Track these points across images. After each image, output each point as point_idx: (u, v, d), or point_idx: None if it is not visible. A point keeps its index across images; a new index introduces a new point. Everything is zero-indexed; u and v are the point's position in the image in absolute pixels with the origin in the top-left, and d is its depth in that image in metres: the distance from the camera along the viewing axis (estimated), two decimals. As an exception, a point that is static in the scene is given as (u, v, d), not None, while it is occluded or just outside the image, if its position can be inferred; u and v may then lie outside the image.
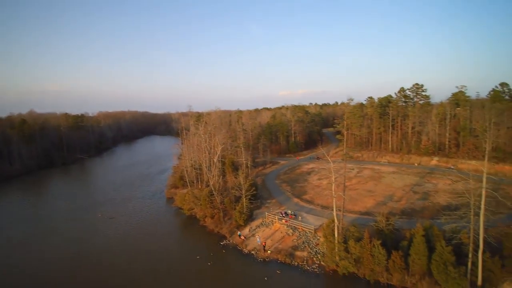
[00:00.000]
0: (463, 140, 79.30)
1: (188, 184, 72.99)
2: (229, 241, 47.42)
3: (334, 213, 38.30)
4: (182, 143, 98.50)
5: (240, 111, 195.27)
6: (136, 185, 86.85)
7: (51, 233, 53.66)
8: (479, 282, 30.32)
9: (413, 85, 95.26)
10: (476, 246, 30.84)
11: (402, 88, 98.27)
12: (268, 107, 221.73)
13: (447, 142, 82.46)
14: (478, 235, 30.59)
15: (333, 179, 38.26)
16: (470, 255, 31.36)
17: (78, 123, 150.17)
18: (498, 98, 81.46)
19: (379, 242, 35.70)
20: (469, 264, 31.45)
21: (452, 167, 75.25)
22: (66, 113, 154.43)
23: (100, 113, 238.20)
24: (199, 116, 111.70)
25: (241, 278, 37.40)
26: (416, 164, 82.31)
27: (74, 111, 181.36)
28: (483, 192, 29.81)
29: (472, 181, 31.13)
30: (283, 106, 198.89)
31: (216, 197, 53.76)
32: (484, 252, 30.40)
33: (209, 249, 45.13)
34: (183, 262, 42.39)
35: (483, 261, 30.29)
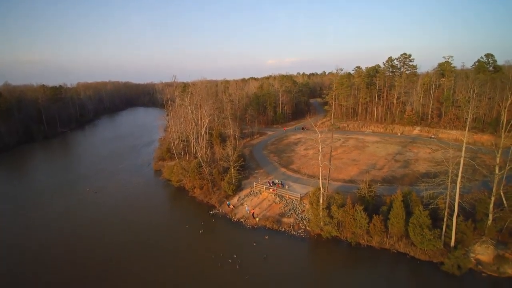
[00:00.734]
0: (445, 111, 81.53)
1: (176, 156, 72.75)
2: (218, 210, 48.74)
3: (320, 182, 39.63)
4: (167, 115, 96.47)
5: (227, 81, 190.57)
6: (122, 158, 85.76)
7: (39, 208, 53.18)
8: (452, 243, 32.97)
9: (401, 55, 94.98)
10: (452, 211, 33.12)
11: (390, 57, 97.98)
12: (256, 76, 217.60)
13: (430, 112, 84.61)
14: (454, 200, 32.71)
15: (320, 149, 38.97)
16: (445, 219, 33.72)
17: (57, 95, 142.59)
18: (483, 69, 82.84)
19: (361, 207, 37.73)
20: (444, 227, 33.92)
21: (433, 136, 78.01)
22: (44, 85, 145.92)
23: (79, 84, 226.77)
24: (184, 87, 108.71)
25: (231, 244, 39.02)
26: (399, 134, 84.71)
27: (52, 82, 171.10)
28: (462, 161, 31.35)
29: (451, 150, 32.56)
30: (270, 76, 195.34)
31: (205, 169, 54.17)
32: (458, 216, 32.71)
33: (199, 218, 46.37)
34: (174, 231, 43.59)
35: (457, 224, 32.72)
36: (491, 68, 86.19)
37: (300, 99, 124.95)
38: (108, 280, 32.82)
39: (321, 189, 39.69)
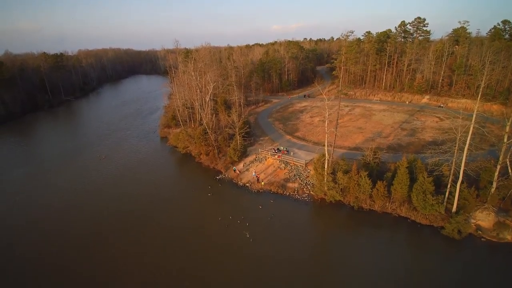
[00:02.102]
0: (456, 79, 78.90)
1: (181, 123, 72.87)
2: (224, 175, 49.82)
3: (326, 148, 39.81)
4: (171, 82, 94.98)
5: (231, 47, 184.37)
6: (128, 125, 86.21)
7: (54, 172, 54.92)
8: (454, 209, 33.71)
9: (415, 19, 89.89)
10: (456, 178, 33.41)
11: (403, 22, 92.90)
12: (260, 43, 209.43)
13: (440, 81, 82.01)
14: (459, 167, 32.83)
15: (327, 116, 38.59)
16: (449, 186, 34.17)
17: (59, 62, 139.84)
18: (498, 36, 78.54)
19: (366, 173, 38.23)
20: (447, 193, 34.49)
21: (441, 105, 76.46)
22: (45, 53, 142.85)
23: (80, 51, 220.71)
24: (187, 53, 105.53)
25: (238, 207, 40.49)
26: (407, 102, 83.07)
27: (52, 50, 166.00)
28: (471, 128, 30.92)
29: (460, 119, 31.97)
30: (276, 42, 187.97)
31: (210, 135, 54.44)
32: (462, 183, 33.03)
33: (206, 183, 47.60)
34: (183, 195, 45.01)
35: (460, 190, 33.14)
36: (507, 36, 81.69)
37: (307, 66, 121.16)
38: (123, 239, 34.68)
39: (326, 155, 39.97)
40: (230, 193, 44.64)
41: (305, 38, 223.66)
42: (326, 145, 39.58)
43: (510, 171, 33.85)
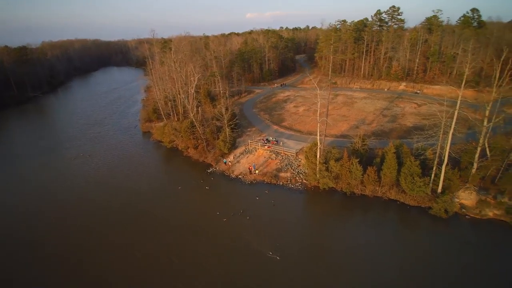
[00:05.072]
0: (430, 66, 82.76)
1: (164, 116, 70.63)
2: (215, 168, 49.29)
3: (318, 137, 40.45)
4: (150, 74, 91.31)
5: (207, 37, 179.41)
6: (105, 121, 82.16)
7: (28, 178, 51.36)
8: (439, 189, 35.90)
9: (390, 8, 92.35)
10: (441, 160, 35.46)
11: (379, 10, 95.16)
12: (236, 32, 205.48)
13: (415, 68, 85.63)
14: (444, 150, 34.82)
15: (319, 106, 39.06)
16: (434, 168, 36.20)
17: (23, 56, 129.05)
18: (468, 24, 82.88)
19: (356, 160, 39.51)
20: (432, 175, 36.52)
21: (418, 91, 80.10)
22: (6, 46, 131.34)
23: (44, 43, 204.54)
24: (165, 43, 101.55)
25: (235, 199, 40.47)
26: (386, 89, 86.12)
27: (14, 43, 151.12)
28: (456, 114, 32.74)
29: (436, 105, 33.70)
30: (252, 31, 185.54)
31: (198, 128, 53.31)
32: (446, 165, 35.13)
33: (197, 176, 46.88)
34: (176, 190, 44.01)
35: (445, 172, 35.25)
36: (475, 24, 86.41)
37: (287, 55, 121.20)
38: (120, 237, 33.51)
39: (319, 144, 40.69)
40: (224, 186, 44.37)
41: (282, 27, 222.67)
42: (318, 133, 40.18)
43: (488, 152, 36.44)
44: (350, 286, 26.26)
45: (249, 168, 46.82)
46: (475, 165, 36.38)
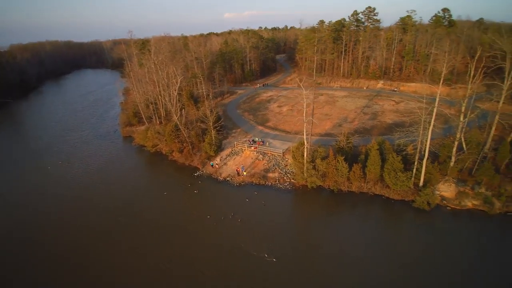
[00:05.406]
0: (406, 64, 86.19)
1: (145, 120, 68.91)
2: (202, 171, 48.69)
3: (305, 137, 41.00)
4: (127, 76, 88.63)
5: (185, 37, 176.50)
6: (83, 126, 78.85)
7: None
8: (421, 183, 37.52)
9: (366, 8, 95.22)
10: (421, 155, 37.06)
11: (355, 11, 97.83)
12: (214, 32, 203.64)
13: (392, 66, 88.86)
14: (424, 146, 36.43)
15: (305, 105, 39.57)
16: (415, 163, 37.76)
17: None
18: (439, 24, 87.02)
19: (342, 157, 40.44)
20: (414, 170, 38.08)
21: (395, 89, 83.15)
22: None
23: (13, 46, 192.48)
24: (143, 44, 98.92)
25: (225, 202, 40.15)
26: (365, 88, 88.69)
27: None
28: (435, 110, 34.34)
29: (413, 102, 35.26)
30: (231, 31, 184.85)
31: (183, 131, 52.39)
32: (427, 159, 36.74)
33: (185, 180, 46.10)
34: (163, 195, 42.91)
35: (426, 166, 36.86)
36: (446, 23, 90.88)
37: (268, 55, 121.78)
38: (107, 253, 32.29)
39: (306, 143, 41.25)
40: (212, 189, 43.92)
41: (260, 27, 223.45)
42: (305, 133, 40.72)
43: (464, 146, 38.49)
44: (344, 282, 26.85)
45: (236, 170, 46.66)
46: (453, 159, 38.32)
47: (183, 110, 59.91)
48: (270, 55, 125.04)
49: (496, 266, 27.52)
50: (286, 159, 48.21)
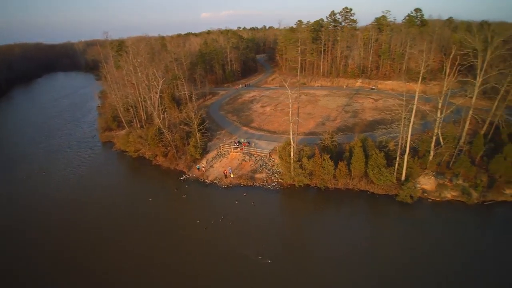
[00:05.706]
0: (382, 63, 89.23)
1: (126, 124, 66.73)
2: (189, 175, 47.87)
3: (291, 136, 41.39)
4: (103, 79, 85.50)
5: (162, 38, 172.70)
6: (59, 132, 75.14)
7: None
8: (403, 177, 38.99)
9: (343, 9, 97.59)
10: (403, 151, 38.52)
11: (333, 11, 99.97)
12: (192, 32, 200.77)
13: (369, 65, 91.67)
14: (405, 141, 37.89)
15: (291, 106, 39.93)
16: (397, 158, 39.18)
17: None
18: (412, 23, 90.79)
19: (328, 156, 41.23)
20: (396, 165, 39.50)
21: (373, 87, 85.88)
22: None
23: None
24: (120, 45, 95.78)
25: (215, 205, 39.78)
26: (344, 87, 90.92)
27: None
28: (414, 108, 35.82)
29: (391, 99, 36.70)
30: (210, 31, 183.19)
31: (167, 135, 51.28)
32: (408, 154, 38.23)
33: (171, 185, 45.11)
34: (151, 201, 41.70)
35: (407, 161, 38.35)
36: (418, 23, 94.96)
37: (248, 55, 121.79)
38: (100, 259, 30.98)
39: (292, 143, 41.67)
40: (200, 192, 43.34)
41: (239, 27, 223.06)
42: (291, 133, 41.11)
43: (441, 141, 40.43)
44: (340, 279, 27.40)
45: (224, 172, 46.31)
46: (431, 153, 40.15)
47: (165, 113, 58.62)
48: (251, 55, 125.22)
49: (476, 253, 29.20)
50: (273, 159, 48.44)
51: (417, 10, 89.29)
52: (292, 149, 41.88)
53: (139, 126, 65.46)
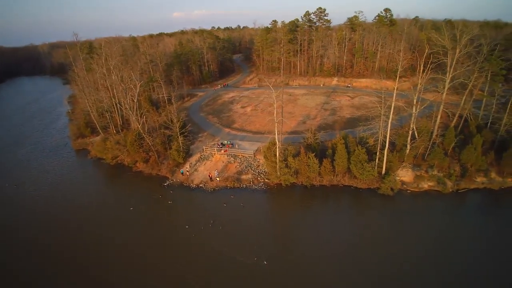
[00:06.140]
0: (356, 61, 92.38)
1: (100, 130, 63.85)
2: (172, 180, 46.72)
3: (276, 136, 41.73)
4: (73, 83, 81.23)
5: (134, 38, 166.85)
6: (27, 141, 70.27)
7: None
8: (383, 171, 40.70)
9: (317, 9, 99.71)
10: (382, 146, 40.19)
11: (307, 12, 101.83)
12: (165, 32, 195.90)
13: (344, 64, 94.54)
14: (384, 137, 39.57)
15: (275, 106, 40.24)
16: (377, 153, 40.83)
17: None
18: (382, 23, 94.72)
19: (313, 154, 42.08)
20: (377, 159, 41.16)
21: (349, 85, 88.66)
22: None
23: None
24: (90, 47, 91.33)
25: (203, 209, 39.05)
26: (321, 85, 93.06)
27: None
28: (393, 105, 37.48)
29: (366, 96, 38.31)
30: (183, 31, 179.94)
31: (147, 139, 49.70)
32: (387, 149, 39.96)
33: (155, 192, 43.76)
34: (132, 209, 40.20)
35: (386, 155, 40.09)
36: (388, 22, 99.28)
37: (225, 56, 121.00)
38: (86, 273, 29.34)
39: (277, 143, 42.03)
40: (186, 197, 42.45)
41: (213, 27, 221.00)
42: (276, 133, 41.46)
43: (417, 135, 42.68)
44: (332, 274, 28.07)
45: (209, 175, 45.73)
46: (408, 146, 42.27)
47: (144, 116, 56.77)
48: (228, 55, 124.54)
49: (453, 239, 31.25)
50: (258, 160, 48.57)
51: (387, 10, 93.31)
52: (277, 149, 42.24)
53: (115, 131, 62.92)
